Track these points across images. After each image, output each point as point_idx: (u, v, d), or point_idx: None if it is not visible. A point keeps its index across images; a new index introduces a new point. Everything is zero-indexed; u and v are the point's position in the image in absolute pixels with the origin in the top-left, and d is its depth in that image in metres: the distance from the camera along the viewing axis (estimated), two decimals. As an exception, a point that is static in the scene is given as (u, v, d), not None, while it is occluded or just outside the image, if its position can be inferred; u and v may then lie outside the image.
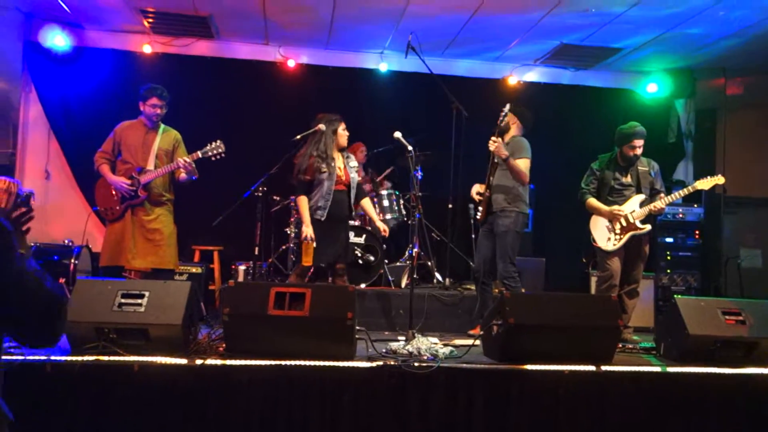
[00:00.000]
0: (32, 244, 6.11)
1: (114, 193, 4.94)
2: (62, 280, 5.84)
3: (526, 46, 7.29)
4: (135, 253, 4.86)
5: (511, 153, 5.03)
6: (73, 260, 5.87)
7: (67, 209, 6.90)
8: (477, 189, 5.29)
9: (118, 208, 4.93)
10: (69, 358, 3.37)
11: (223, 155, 4.98)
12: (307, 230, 4.79)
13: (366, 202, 5.22)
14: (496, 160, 5.07)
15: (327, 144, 4.88)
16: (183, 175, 5.00)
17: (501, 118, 5.07)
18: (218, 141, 4.97)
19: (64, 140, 7.14)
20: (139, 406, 3.37)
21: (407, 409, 3.56)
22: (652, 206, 5.06)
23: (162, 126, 5.11)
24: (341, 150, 5.00)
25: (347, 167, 4.98)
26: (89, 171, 5.31)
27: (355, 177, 5.01)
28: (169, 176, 5.06)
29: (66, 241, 6.21)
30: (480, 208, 5.22)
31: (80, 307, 3.57)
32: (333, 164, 4.86)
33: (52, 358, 3.34)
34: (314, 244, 4.77)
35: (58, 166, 7.24)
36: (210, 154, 4.94)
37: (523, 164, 5.05)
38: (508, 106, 5.07)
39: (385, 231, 5.18)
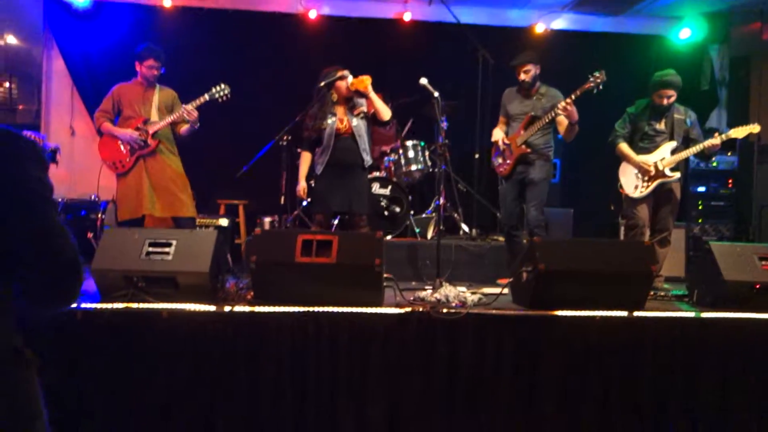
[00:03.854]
0: (59, 200, 6.16)
1: (122, 146, 4.93)
2: (90, 235, 5.90)
3: (554, -8, 7.08)
4: (154, 202, 4.89)
5: (553, 106, 4.95)
6: (100, 215, 5.92)
7: (93, 165, 6.85)
8: (502, 136, 5.20)
9: (128, 160, 4.93)
10: (99, 305, 3.39)
11: (229, 96, 5.01)
12: (299, 185, 5.08)
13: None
14: (538, 116, 5.00)
15: (325, 100, 4.87)
16: (185, 128, 5.00)
17: (594, 85, 4.80)
18: (223, 84, 4.99)
19: (87, 96, 7.14)
20: (169, 352, 3.39)
21: (436, 355, 3.54)
22: (708, 143, 4.88)
23: (158, 85, 5.15)
24: (347, 100, 4.92)
25: (350, 116, 4.89)
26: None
27: (359, 124, 4.88)
28: (172, 131, 5.08)
29: (92, 197, 6.25)
30: (507, 161, 5.13)
31: (109, 255, 3.59)
32: (333, 118, 4.84)
33: (83, 305, 3.37)
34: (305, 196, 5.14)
35: (83, 122, 7.25)
36: (217, 96, 4.97)
37: None
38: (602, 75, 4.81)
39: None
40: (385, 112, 4.83)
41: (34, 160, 1.43)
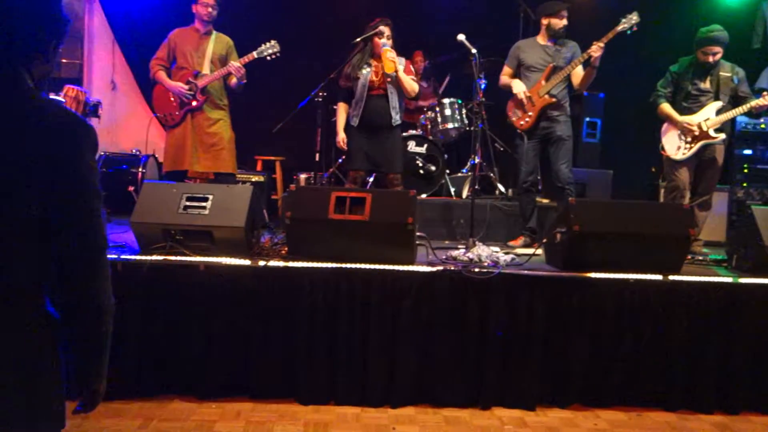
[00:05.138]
0: (101, 153, 6.28)
1: (172, 98, 4.99)
2: (131, 188, 6.02)
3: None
4: (197, 157, 4.96)
5: (572, 56, 4.84)
6: (140, 169, 6.03)
7: (134, 119, 7.01)
8: (524, 87, 5.00)
9: (177, 113, 5.00)
10: (138, 257, 3.49)
11: (278, 54, 4.99)
12: (338, 136, 4.97)
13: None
14: (555, 65, 4.85)
15: (364, 51, 4.84)
16: (234, 81, 5.02)
17: (628, 27, 4.68)
18: (273, 41, 4.98)
19: (128, 51, 7.21)
20: (205, 304, 3.49)
21: (467, 314, 3.56)
22: (755, 102, 4.68)
23: (214, 32, 5.12)
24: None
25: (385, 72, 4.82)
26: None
27: (393, 81, 4.79)
28: (224, 82, 5.09)
29: (133, 150, 6.35)
30: (529, 113, 4.97)
31: (148, 209, 3.68)
32: (369, 69, 4.79)
33: (122, 257, 3.47)
34: (345, 146, 4.95)
35: (124, 76, 7.33)
36: (265, 53, 4.96)
37: None
38: (635, 16, 4.66)
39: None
40: (413, 90, 4.84)
41: (91, 146, 1.50)
